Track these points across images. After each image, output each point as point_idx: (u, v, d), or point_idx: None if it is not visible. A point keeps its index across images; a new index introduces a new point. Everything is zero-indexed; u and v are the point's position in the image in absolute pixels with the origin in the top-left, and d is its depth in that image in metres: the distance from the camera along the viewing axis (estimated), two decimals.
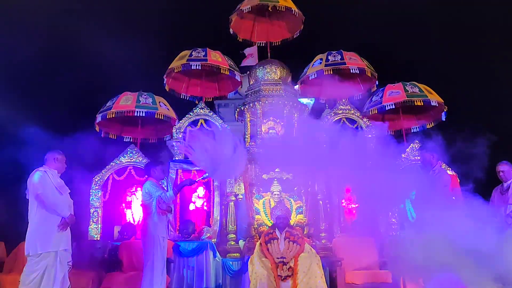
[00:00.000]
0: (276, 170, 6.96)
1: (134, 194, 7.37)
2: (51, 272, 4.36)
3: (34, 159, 4.77)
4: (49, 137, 5.46)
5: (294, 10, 7.99)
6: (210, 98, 8.64)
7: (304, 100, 9.64)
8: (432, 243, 4.25)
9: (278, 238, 5.25)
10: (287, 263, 4.97)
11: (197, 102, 7.94)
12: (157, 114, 7.46)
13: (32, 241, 4.39)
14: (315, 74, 7.81)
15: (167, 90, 8.19)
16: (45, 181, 4.47)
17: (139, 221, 7.16)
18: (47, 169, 4.59)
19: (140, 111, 7.34)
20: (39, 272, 4.32)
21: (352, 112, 7.87)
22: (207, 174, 5.14)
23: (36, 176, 4.49)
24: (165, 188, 5.90)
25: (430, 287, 4.33)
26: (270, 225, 6.20)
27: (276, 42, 8.72)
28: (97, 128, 7.85)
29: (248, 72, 8.09)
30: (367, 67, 7.80)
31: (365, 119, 7.64)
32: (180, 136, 7.42)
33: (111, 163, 7.31)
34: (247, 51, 8.77)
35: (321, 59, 7.95)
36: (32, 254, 4.36)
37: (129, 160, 7.34)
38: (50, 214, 4.43)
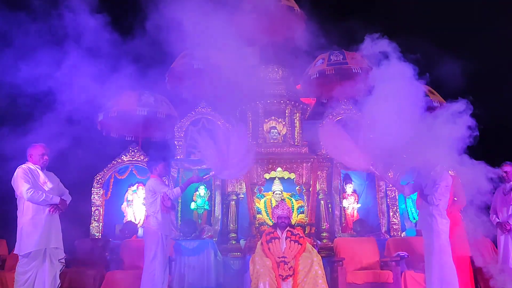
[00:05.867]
0: (278, 169, 6.95)
1: (136, 192, 7.37)
2: (43, 271, 4.31)
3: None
4: (51, 135, 5.45)
5: (296, 9, 7.97)
6: None
7: None
8: None
9: (279, 238, 5.24)
10: (288, 262, 4.97)
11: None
12: (159, 113, 7.46)
13: (20, 240, 4.31)
14: (317, 74, 7.80)
15: (169, 89, 8.18)
16: (27, 178, 4.34)
17: (140, 219, 7.17)
18: (30, 165, 4.46)
19: (142, 110, 7.33)
20: (33, 272, 4.28)
21: (354, 112, 7.84)
22: (213, 173, 5.14)
23: (17, 175, 4.38)
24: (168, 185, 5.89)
25: None
26: (271, 224, 6.21)
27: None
28: (98, 127, 7.85)
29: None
30: (369, 66, 7.78)
31: None
32: (182, 135, 7.42)
33: (113, 161, 7.30)
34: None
35: (323, 58, 7.94)
36: (22, 254, 4.29)
37: (130, 159, 7.33)
38: (37, 211, 4.32)
